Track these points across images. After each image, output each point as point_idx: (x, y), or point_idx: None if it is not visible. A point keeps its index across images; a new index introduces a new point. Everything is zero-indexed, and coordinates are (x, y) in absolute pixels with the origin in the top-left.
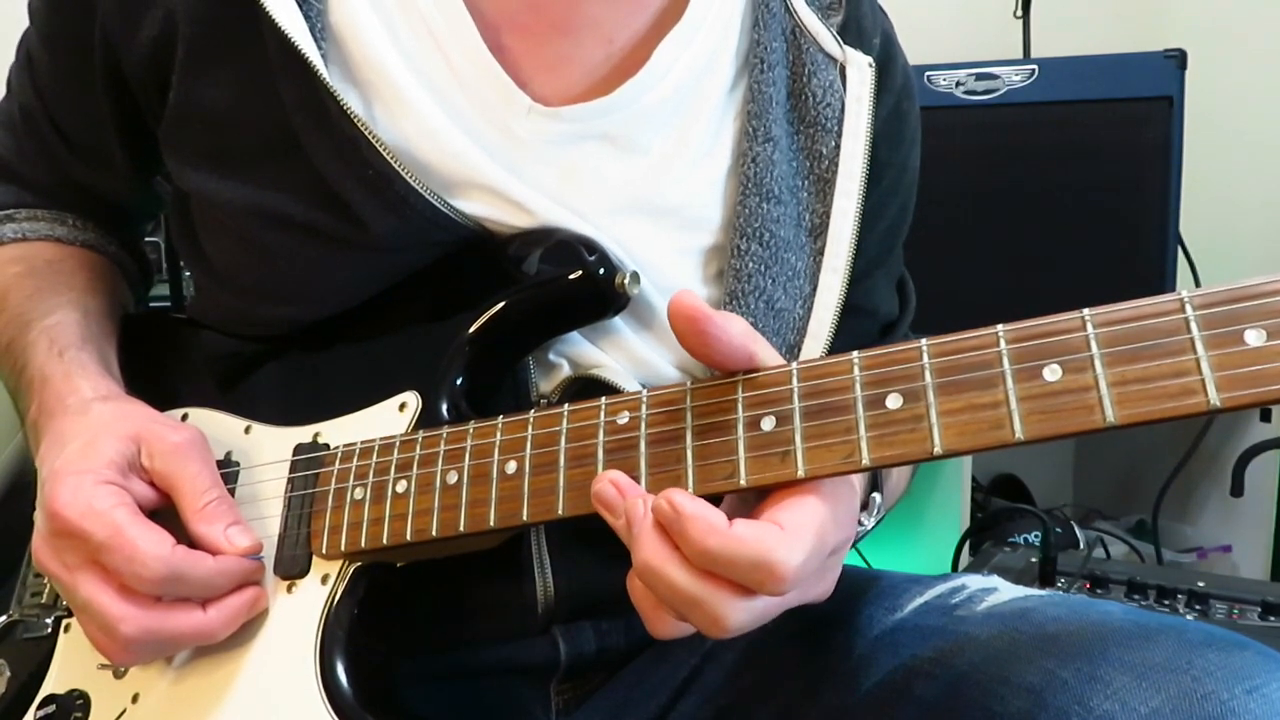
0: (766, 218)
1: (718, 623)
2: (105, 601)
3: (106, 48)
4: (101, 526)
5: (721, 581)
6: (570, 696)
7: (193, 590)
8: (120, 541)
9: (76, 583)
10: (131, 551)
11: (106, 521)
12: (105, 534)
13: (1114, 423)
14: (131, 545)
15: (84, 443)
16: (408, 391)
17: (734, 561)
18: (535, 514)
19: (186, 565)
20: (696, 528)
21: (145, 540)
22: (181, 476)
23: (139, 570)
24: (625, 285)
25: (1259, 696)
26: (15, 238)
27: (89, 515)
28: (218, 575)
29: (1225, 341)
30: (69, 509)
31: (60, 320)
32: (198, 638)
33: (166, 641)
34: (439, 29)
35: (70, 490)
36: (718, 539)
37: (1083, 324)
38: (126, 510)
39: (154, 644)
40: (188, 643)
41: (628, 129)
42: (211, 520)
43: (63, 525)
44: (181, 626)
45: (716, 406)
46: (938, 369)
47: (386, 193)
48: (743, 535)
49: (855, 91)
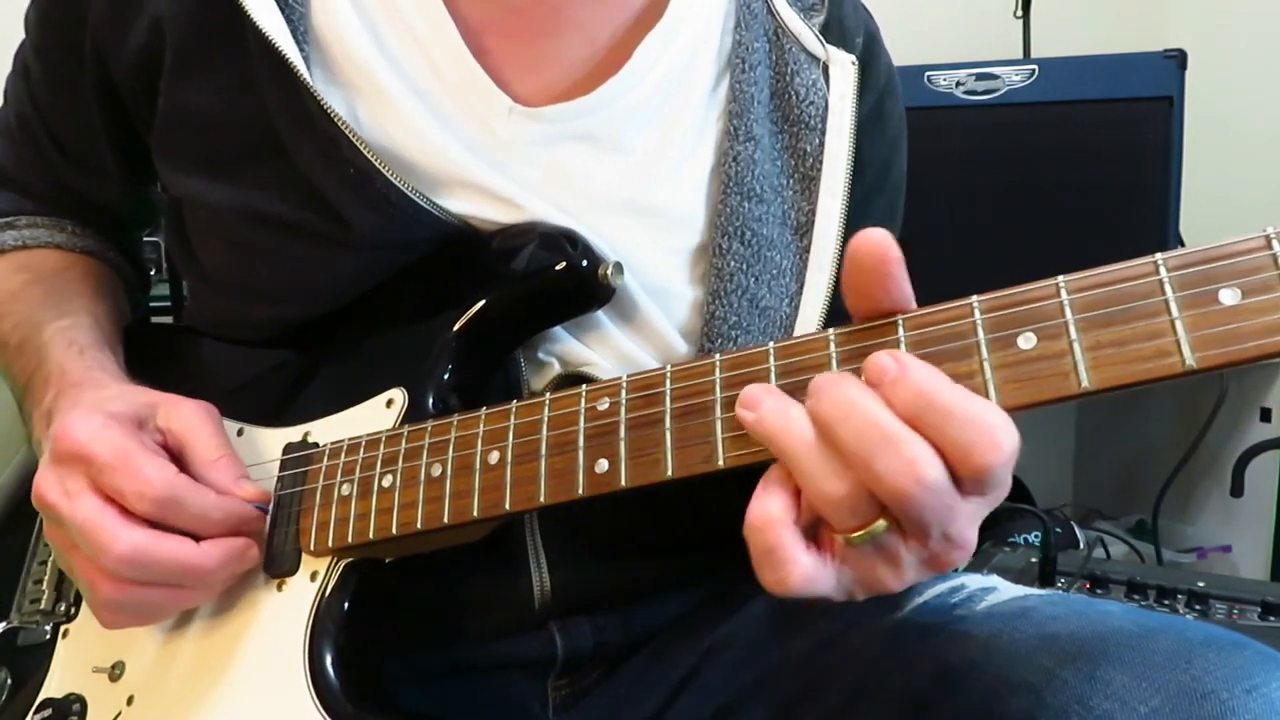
0: (748, 216)
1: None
2: (103, 520)
3: (97, 58)
4: (108, 449)
5: None
6: (567, 692)
7: (190, 520)
8: (125, 461)
9: (75, 506)
10: (136, 470)
11: (115, 444)
12: (111, 455)
13: (1089, 388)
14: (137, 465)
15: (100, 399)
16: (395, 388)
17: (954, 410)
18: (517, 503)
19: (190, 491)
20: (920, 371)
21: (150, 463)
22: (196, 434)
23: (141, 487)
24: (609, 276)
25: (1258, 696)
26: (16, 245)
27: (96, 440)
28: (216, 508)
29: (1200, 302)
30: (78, 432)
31: (74, 324)
32: (187, 570)
33: (155, 566)
34: (421, 32)
35: (81, 419)
36: (944, 380)
37: (1057, 290)
38: (135, 440)
39: (143, 568)
40: (176, 575)
41: (609, 129)
42: (222, 470)
43: (69, 447)
44: (174, 553)
45: (695, 389)
46: (913, 341)
47: (368, 191)
48: (964, 391)
49: (839, 90)
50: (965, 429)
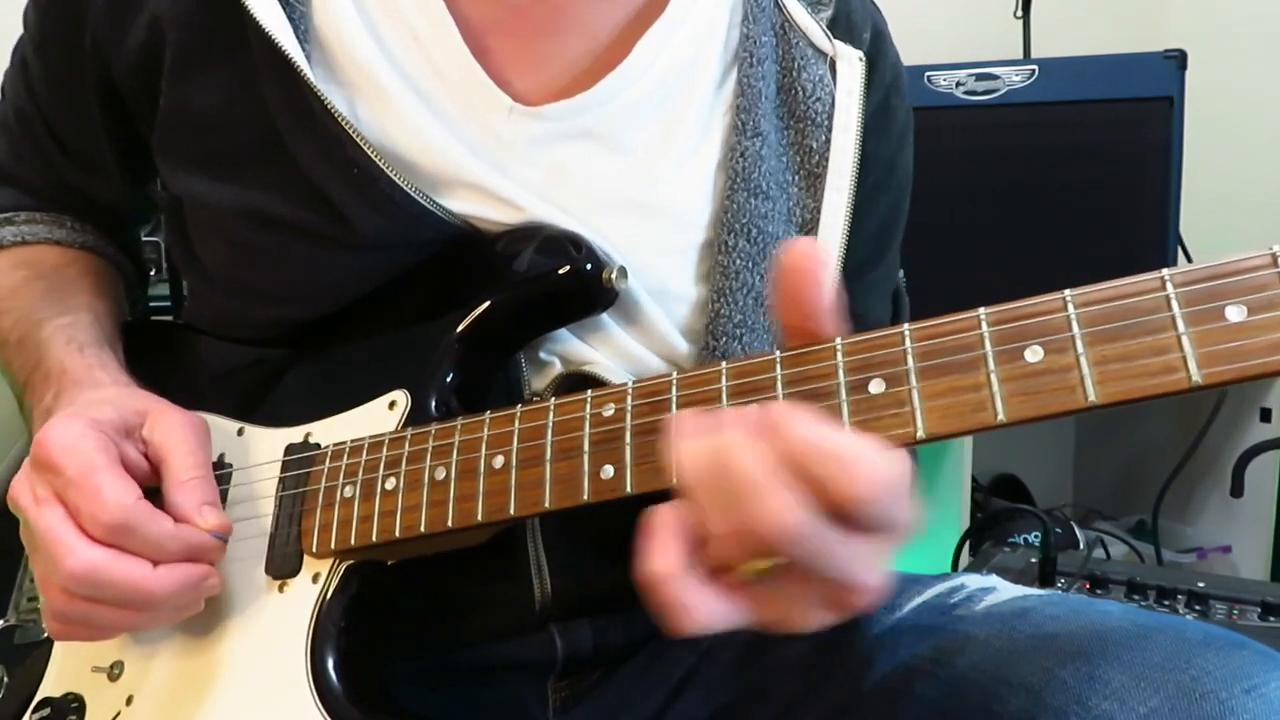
0: (754, 213)
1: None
2: (61, 533)
3: (97, 56)
4: (75, 463)
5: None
6: (568, 694)
7: (144, 547)
8: (87, 480)
9: (39, 513)
10: (95, 492)
11: (83, 460)
12: (76, 470)
13: (1096, 402)
14: (97, 487)
15: (91, 403)
16: (397, 390)
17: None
18: (522, 507)
19: (144, 519)
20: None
21: (111, 485)
22: (174, 450)
23: (96, 511)
24: (613, 280)
25: (1257, 696)
26: (15, 240)
27: (69, 451)
28: (172, 539)
29: (1206, 318)
30: (53, 442)
31: (74, 321)
32: (137, 593)
33: (106, 586)
34: (421, 31)
35: (61, 427)
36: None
37: (1064, 304)
38: (106, 457)
39: (94, 586)
40: (127, 596)
41: (610, 126)
42: (189, 492)
43: (43, 455)
44: (126, 575)
45: (700, 396)
46: (920, 353)
47: (372, 191)
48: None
49: (846, 85)
50: (824, 464)
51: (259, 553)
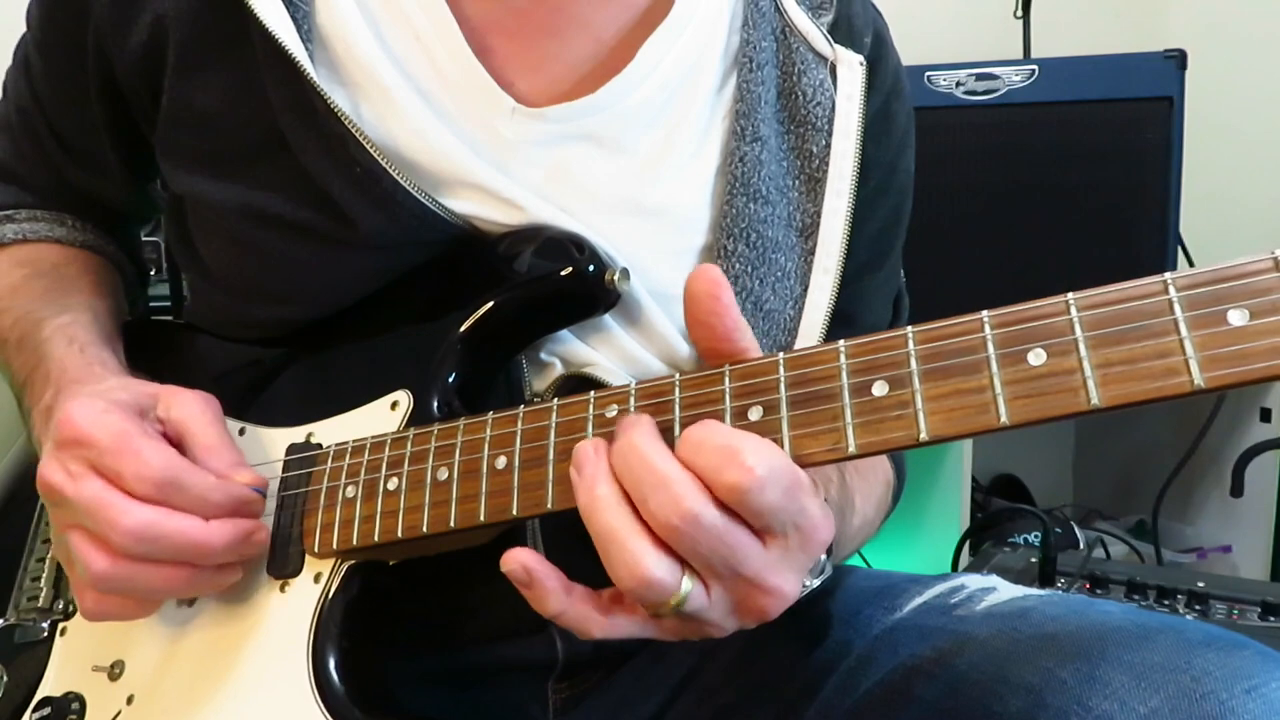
0: (754, 218)
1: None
2: (109, 497)
3: (100, 55)
4: (108, 433)
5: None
6: (568, 695)
7: (191, 501)
8: (125, 444)
9: (80, 488)
10: (135, 454)
11: (115, 429)
12: (110, 440)
13: (1098, 405)
14: (136, 449)
15: (101, 388)
16: (400, 390)
17: (704, 442)
18: (525, 508)
19: (189, 473)
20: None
21: (150, 446)
22: (194, 422)
23: (140, 469)
24: (615, 282)
25: (1258, 696)
26: (16, 238)
27: (97, 424)
28: (217, 490)
29: (1209, 322)
30: (80, 417)
31: (74, 320)
32: (194, 547)
33: (164, 542)
34: (424, 31)
35: (82, 405)
36: (702, 426)
37: (1067, 307)
38: (136, 425)
39: (151, 541)
40: (184, 552)
41: (613, 129)
42: (218, 455)
43: (70, 432)
44: (182, 528)
45: (704, 398)
46: (923, 355)
47: (374, 190)
48: (722, 427)
49: (846, 90)
50: (713, 455)
51: (261, 553)
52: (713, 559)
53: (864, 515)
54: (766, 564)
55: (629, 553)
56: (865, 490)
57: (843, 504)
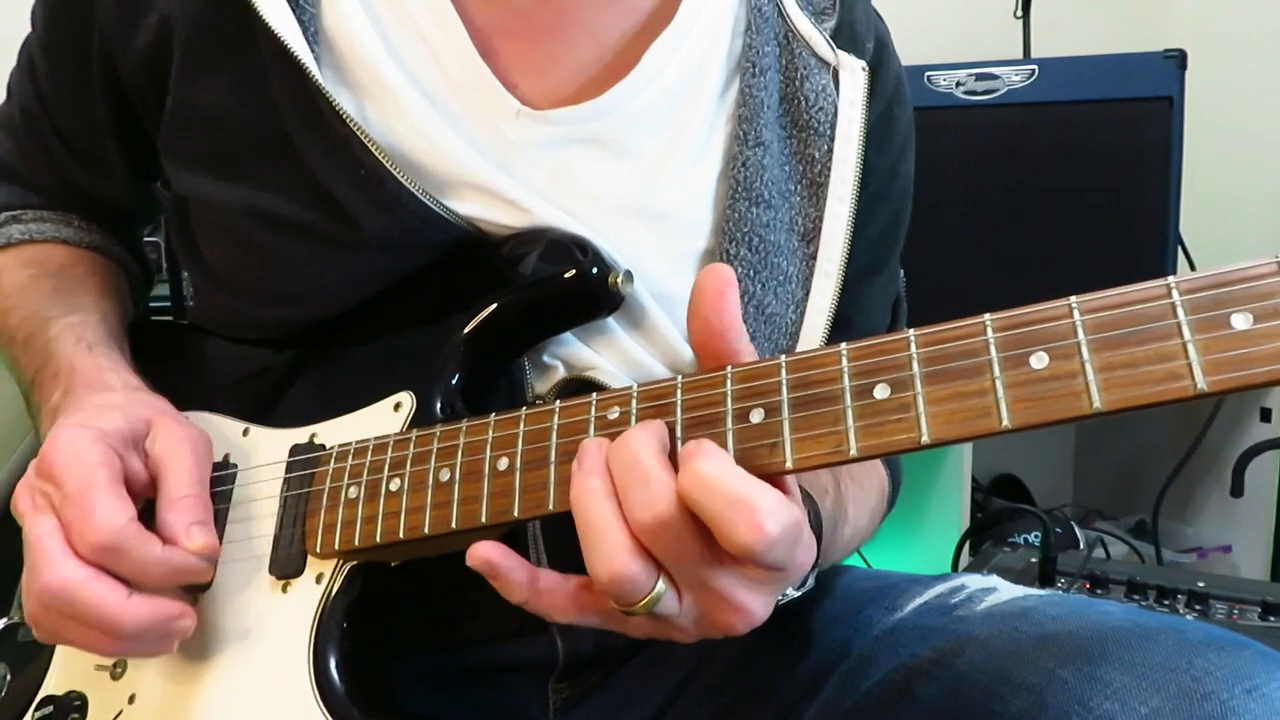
0: (756, 222)
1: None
2: (47, 544)
3: (105, 55)
4: (75, 477)
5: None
6: (568, 695)
7: (130, 570)
8: (82, 497)
9: (33, 521)
10: (88, 510)
11: (82, 476)
12: (74, 486)
13: (1101, 409)
14: (91, 505)
15: (101, 408)
16: (403, 391)
17: (719, 489)
18: (526, 509)
19: (132, 542)
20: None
21: (105, 504)
22: (172, 466)
23: (85, 530)
24: (619, 284)
25: (1258, 696)
26: (23, 239)
27: (70, 464)
28: (159, 563)
29: (1212, 326)
30: (58, 453)
31: (82, 320)
32: (104, 619)
33: (77, 605)
34: (430, 32)
35: (68, 439)
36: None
37: (1069, 311)
38: (107, 473)
39: (65, 603)
40: (93, 619)
41: (617, 132)
42: (180, 511)
43: (46, 467)
44: (97, 599)
45: (706, 400)
46: (925, 358)
47: (379, 192)
48: (739, 474)
49: (848, 95)
50: (727, 507)
51: (263, 552)
52: (683, 566)
53: (856, 525)
54: (738, 582)
55: (607, 545)
56: (859, 499)
57: (836, 515)
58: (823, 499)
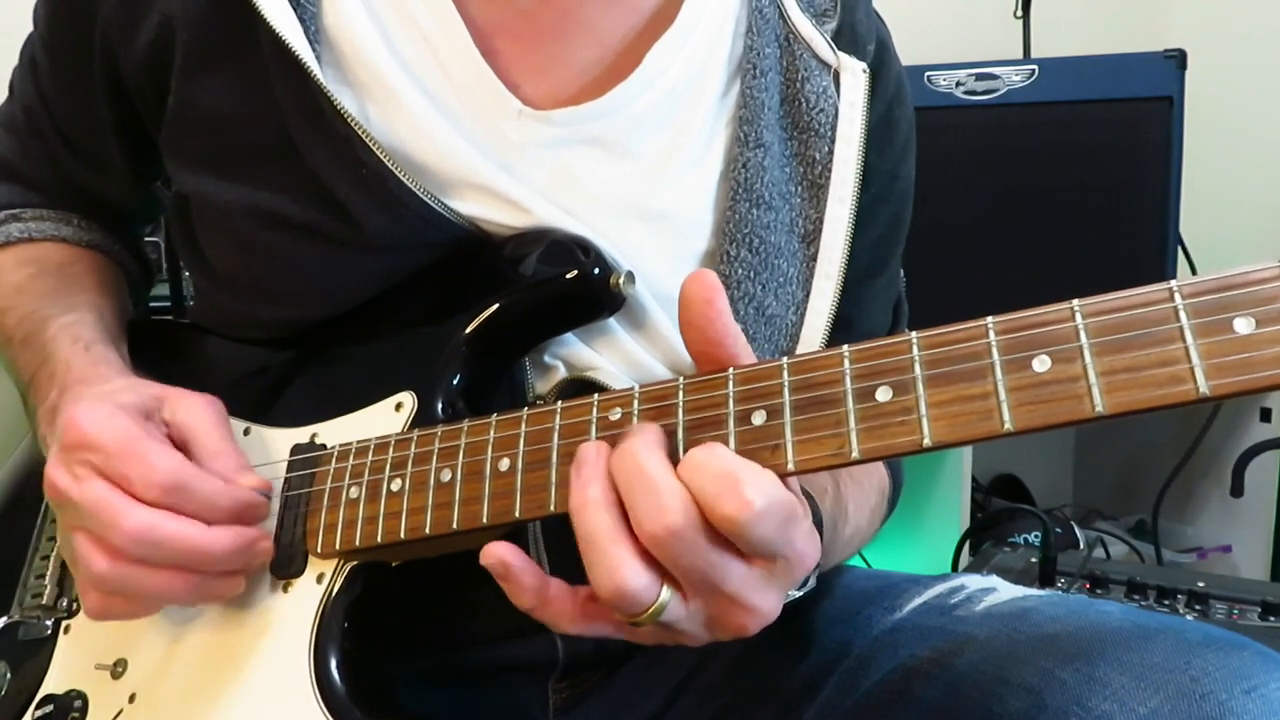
0: (756, 223)
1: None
2: (112, 498)
3: (106, 54)
4: (115, 437)
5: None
6: (568, 695)
7: (197, 505)
8: (133, 448)
9: (84, 489)
10: (143, 458)
11: (121, 433)
12: (117, 443)
13: (1103, 412)
14: (144, 453)
15: (107, 390)
16: (404, 392)
17: (707, 466)
18: (528, 510)
19: (195, 478)
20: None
21: (156, 450)
22: (199, 426)
23: (147, 473)
24: (620, 285)
25: (1257, 697)
26: (22, 237)
27: (104, 428)
28: (223, 495)
29: (1214, 330)
30: (86, 421)
31: (79, 319)
32: (195, 552)
33: (163, 544)
34: (431, 32)
35: (88, 408)
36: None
37: (1072, 314)
38: (141, 429)
39: (151, 544)
40: (183, 557)
41: (619, 133)
42: (225, 459)
43: (77, 436)
44: (184, 533)
45: (708, 401)
46: (927, 361)
47: (381, 191)
48: (726, 452)
49: (849, 97)
50: (712, 481)
51: (263, 563)
52: (694, 573)
53: (856, 525)
54: (748, 583)
55: (610, 559)
56: (859, 499)
57: (835, 515)
58: (822, 499)
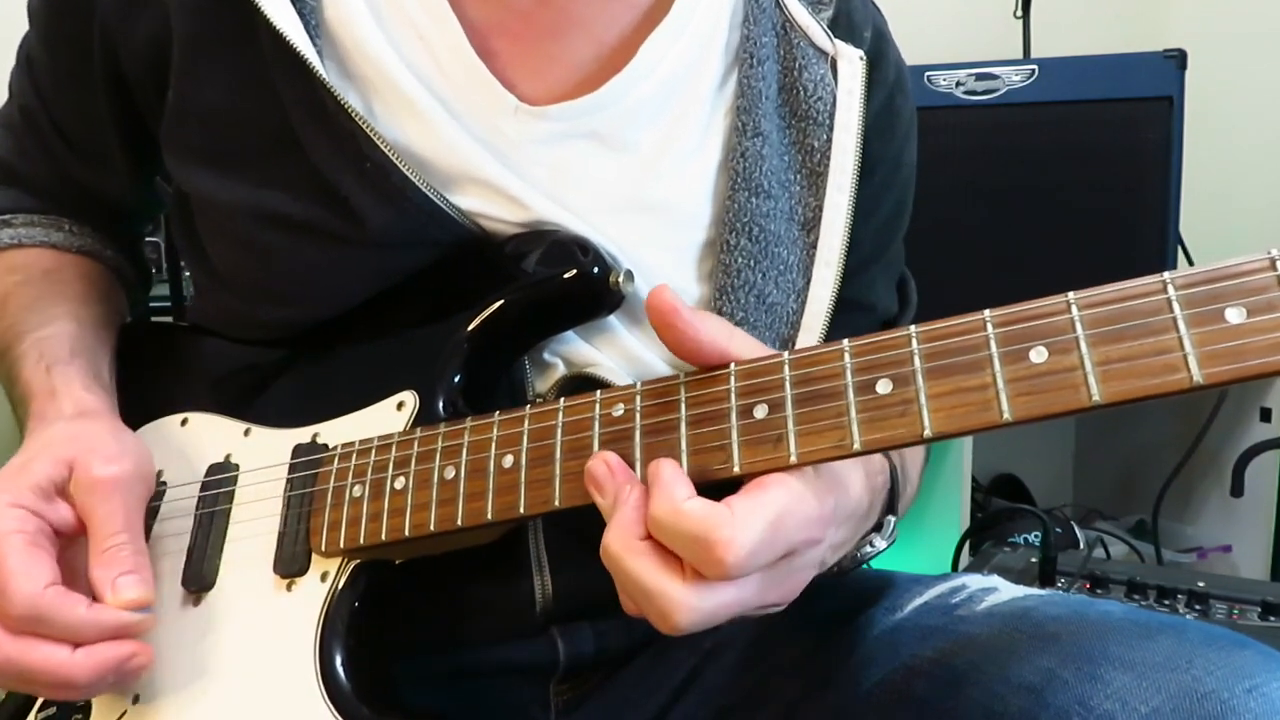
0: (756, 212)
1: (666, 618)
2: None
3: (105, 48)
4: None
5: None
6: (569, 696)
7: (60, 633)
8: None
9: None
10: (4, 582)
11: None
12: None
13: (1099, 401)
14: (5, 576)
15: (23, 461)
16: (406, 390)
17: (677, 532)
18: (532, 506)
19: (52, 608)
20: (658, 494)
21: (19, 575)
22: (94, 515)
23: (3, 604)
24: (619, 284)
25: (1259, 695)
26: (11, 243)
27: None
28: (86, 624)
29: (1206, 320)
30: None
31: (53, 333)
32: (56, 681)
33: (25, 674)
34: (426, 30)
35: None
36: (668, 506)
37: (1067, 306)
38: (21, 539)
39: (14, 674)
40: (47, 681)
41: (616, 126)
42: (107, 565)
43: None
44: (43, 662)
45: (710, 396)
46: (926, 354)
47: (384, 186)
48: (690, 510)
49: (846, 85)
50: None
51: (267, 552)
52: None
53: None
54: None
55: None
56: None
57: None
58: None
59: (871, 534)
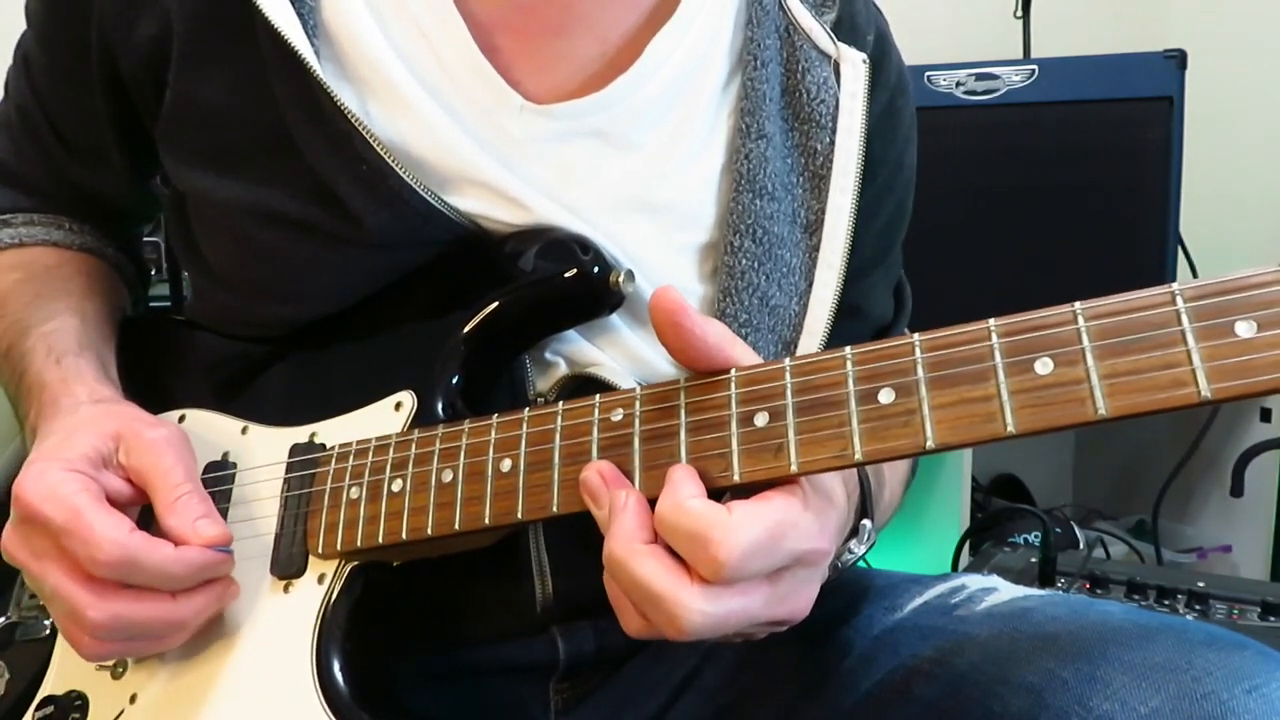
0: (760, 214)
1: (674, 621)
2: (71, 588)
3: (103, 48)
4: (60, 510)
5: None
6: (569, 696)
7: (150, 578)
8: (77, 525)
9: (44, 571)
10: (88, 534)
11: (66, 505)
12: (64, 518)
13: (1105, 415)
14: (88, 528)
15: (63, 436)
16: (403, 391)
17: (677, 528)
18: (530, 511)
19: (143, 551)
20: (665, 492)
21: (102, 524)
22: (155, 471)
23: (94, 553)
24: (620, 283)
25: (1259, 696)
26: (12, 243)
27: (50, 499)
28: (175, 563)
29: (1216, 333)
30: (31, 494)
31: (58, 327)
32: (166, 626)
33: (135, 628)
34: (430, 29)
35: (35, 476)
36: (672, 502)
37: (1074, 317)
38: (88, 496)
39: (122, 630)
40: (157, 631)
41: (620, 126)
42: (181, 512)
43: (25, 510)
44: (149, 613)
45: (710, 403)
46: (930, 363)
47: (380, 188)
48: (691, 507)
49: (849, 88)
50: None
51: (264, 552)
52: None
53: (892, 487)
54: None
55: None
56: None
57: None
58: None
59: (849, 540)
